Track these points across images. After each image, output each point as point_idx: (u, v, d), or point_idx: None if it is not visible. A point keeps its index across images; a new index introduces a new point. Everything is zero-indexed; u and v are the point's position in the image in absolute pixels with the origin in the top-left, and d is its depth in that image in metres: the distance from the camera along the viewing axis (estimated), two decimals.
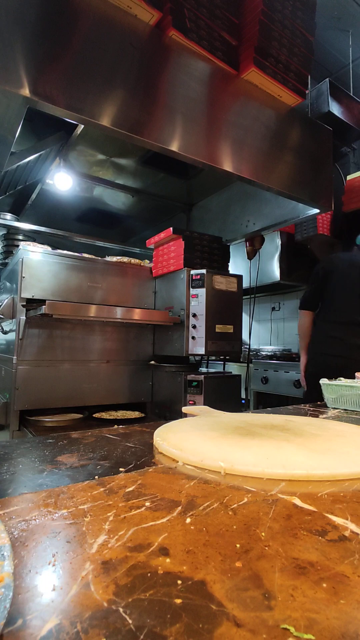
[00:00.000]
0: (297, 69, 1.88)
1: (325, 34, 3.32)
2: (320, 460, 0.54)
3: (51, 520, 0.38)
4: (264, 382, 3.61)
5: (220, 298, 2.31)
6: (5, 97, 1.26)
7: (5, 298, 1.99)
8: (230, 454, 0.56)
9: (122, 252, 2.95)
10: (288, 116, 1.97)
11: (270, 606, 0.26)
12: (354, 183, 3.52)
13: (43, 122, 2.18)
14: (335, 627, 0.24)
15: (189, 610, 0.26)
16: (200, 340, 2.20)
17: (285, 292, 4.47)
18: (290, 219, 2.40)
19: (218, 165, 1.67)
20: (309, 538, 0.35)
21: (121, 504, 0.41)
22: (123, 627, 0.24)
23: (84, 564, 0.31)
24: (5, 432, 1.93)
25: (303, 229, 3.68)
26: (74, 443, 0.67)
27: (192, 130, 1.60)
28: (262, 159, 1.84)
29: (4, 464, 0.56)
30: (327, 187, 2.12)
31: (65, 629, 0.24)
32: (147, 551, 0.33)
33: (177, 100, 1.56)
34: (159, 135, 1.50)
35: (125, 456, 0.60)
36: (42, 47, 1.25)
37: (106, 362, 2.19)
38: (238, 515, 0.40)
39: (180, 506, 0.41)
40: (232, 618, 0.25)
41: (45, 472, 0.52)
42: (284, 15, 1.80)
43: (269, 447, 0.60)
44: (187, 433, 0.69)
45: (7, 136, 1.51)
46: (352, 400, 1.06)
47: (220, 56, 1.69)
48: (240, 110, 1.77)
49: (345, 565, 0.31)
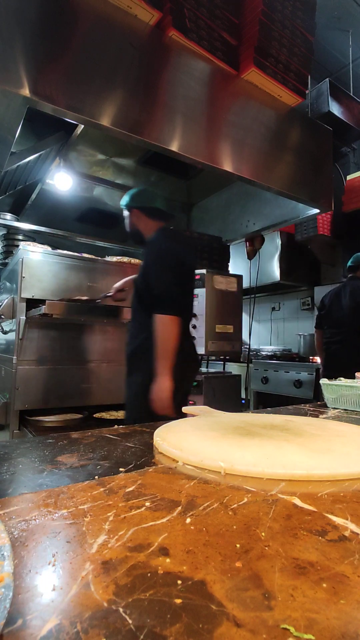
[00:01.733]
0: (297, 69, 1.88)
1: (325, 34, 3.32)
2: (321, 460, 0.54)
3: (51, 520, 0.38)
4: (264, 382, 3.61)
5: (220, 298, 2.31)
6: (5, 97, 1.26)
7: (5, 298, 1.99)
8: (230, 454, 0.56)
9: (122, 252, 2.95)
10: (288, 116, 1.97)
11: (270, 606, 0.26)
12: (354, 183, 3.52)
13: (43, 122, 2.18)
14: (335, 627, 0.24)
15: (189, 610, 0.26)
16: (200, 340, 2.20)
17: (285, 292, 4.47)
18: (290, 219, 2.40)
19: (218, 165, 1.67)
20: (309, 538, 0.35)
21: (121, 504, 0.41)
22: (123, 627, 0.24)
23: (84, 564, 0.31)
24: (5, 432, 1.93)
25: (303, 229, 3.68)
26: (74, 443, 0.67)
27: (192, 130, 1.60)
28: (262, 159, 1.84)
29: (4, 464, 0.56)
30: (327, 187, 2.12)
31: (65, 629, 0.24)
32: (147, 551, 0.33)
33: (177, 100, 1.56)
34: (159, 135, 1.50)
35: (125, 456, 0.60)
36: (42, 47, 1.25)
37: (106, 362, 2.19)
38: (238, 515, 0.40)
39: (180, 506, 0.41)
40: (232, 618, 0.25)
41: (45, 472, 0.52)
42: (284, 15, 1.80)
43: (269, 447, 0.60)
44: (187, 433, 0.69)
45: (7, 136, 1.51)
46: (352, 400, 1.06)
47: (220, 56, 1.69)
48: (240, 110, 1.77)
49: (345, 565, 0.31)
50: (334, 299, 2.92)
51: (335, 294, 2.94)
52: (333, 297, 2.94)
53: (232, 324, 2.36)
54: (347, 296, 2.82)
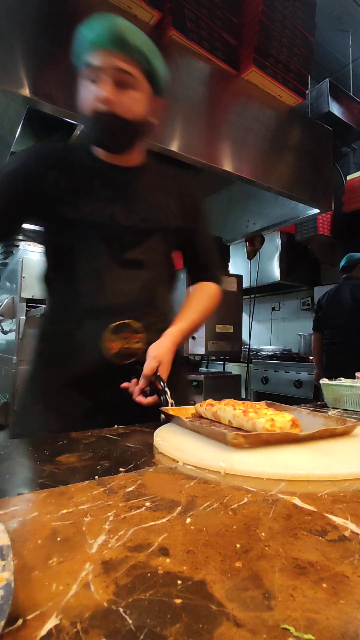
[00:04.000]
0: (297, 69, 1.88)
1: (325, 34, 3.32)
2: (321, 460, 0.54)
3: (51, 520, 0.38)
4: (264, 382, 3.61)
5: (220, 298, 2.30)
6: (5, 97, 1.26)
7: (5, 298, 1.99)
8: (230, 454, 0.56)
9: None
10: (288, 116, 1.97)
11: (270, 606, 0.26)
12: (354, 183, 3.52)
13: (43, 122, 2.18)
14: (335, 627, 0.24)
15: (189, 610, 0.26)
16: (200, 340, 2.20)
17: (285, 292, 4.47)
18: (290, 219, 2.40)
19: (218, 165, 1.67)
20: (309, 538, 0.35)
21: (121, 504, 0.41)
22: (123, 627, 0.24)
23: (84, 564, 0.31)
24: (5, 432, 1.93)
25: (303, 229, 3.68)
26: (74, 443, 0.67)
27: (192, 130, 1.60)
28: (262, 159, 1.84)
29: (4, 464, 0.56)
30: (327, 187, 2.12)
31: (65, 629, 0.24)
32: (147, 551, 0.33)
33: (177, 100, 1.56)
34: (159, 135, 1.50)
35: (125, 456, 0.60)
36: (42, 47, 1.25)
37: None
38: (238, 515, 0.40)
39: (180, 506, 0.41)
40: (232, 618, 0.25)
41: (45, 472, 0.52)
42: (284, 15, 1.80)
43: (269, 447, 0.60)
44: (187, 433, 0.69)
45: (7, 136, 1.51)
46: (352, 400, 1.06)
47: (221, 56, 1.69)
48: (240, 111, 1.77)
49: (345, 565, 0.31)
50: (332, 300, 2.91)
51: (333, 294, 2.92)
52: (330, 298, 2.93)
53: (232, 324, 2.36)
54: (347, 295, 2.81)
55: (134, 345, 0.92)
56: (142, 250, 0.95)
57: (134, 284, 0.94)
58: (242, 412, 0.68)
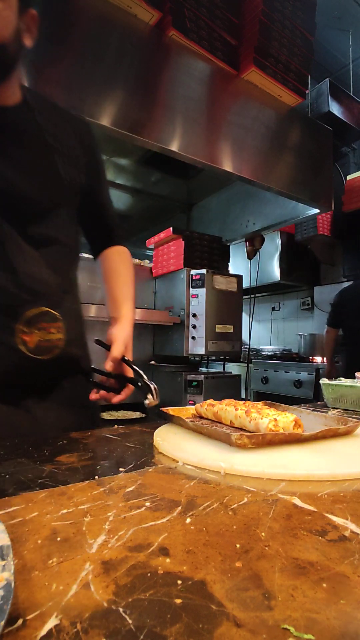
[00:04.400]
0: (297, 69, 1.88)
1: (325, 34, 3.32)
2: (321, 460, 0.54)
3: (51, 520, 0.38)
4: (264, 382, 3.61)
5: (220, 298, 2.31)
6: None
7: None
8: (230, 454, 0.56)
9: None
10: (288, 116, 1.97)
11: (270, 606, 0.26)
12: (354, 183, 3.52)
13: None
14: (335, 627, 0.24)
15: (189, 610, 0.26)
16: (200, 340, 2.20)
17: (285, 292, 4.47)
18: (290, 219, 2.40)
19: (218, 165, 1.67)
20: (309, 538, 0.35)
21: (121, 504, 0.41)
22: (123, 627, 0.24)
23: (84, 564, 0.31)
24: None
25: (303, 229, 3.68)
26: (74, 443, 0.67)
27: (192, 130, 1.60)
28: (262, 159, 1.84)
29: (4, 464, 0.56)
30: (327, 187, 2.12)
31: (65, 629, 0.24)
32: (147, 551, 0.33)
33: (177, 100, 1.56)
34: (159, 135, 1.50)
35: (125, 456, 0.60)
36: (42, 46, 1.25)
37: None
38: (238, 515, 0.40)
39: (180, 506, 0.41)
40: (232, 618, 0.25)
41: (45, 472, 0.52)
42: (284, 15, 1.80)
43: (270, 447, 0.60)
44: (187, 433, 0.69)
45: None
46: (352, 400, 1.06)
47: (220, 56, 1.69)
48: (240, 110, 1.77)
49: (345, 565, 0.31)
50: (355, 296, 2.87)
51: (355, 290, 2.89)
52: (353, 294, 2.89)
53: (232, 324, 2.36)
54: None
55: (53, 336, 0.78)
56: (48, 225, 0.78)
57: (45, 264, 0.78)
58: (244, 413, 0.68)
